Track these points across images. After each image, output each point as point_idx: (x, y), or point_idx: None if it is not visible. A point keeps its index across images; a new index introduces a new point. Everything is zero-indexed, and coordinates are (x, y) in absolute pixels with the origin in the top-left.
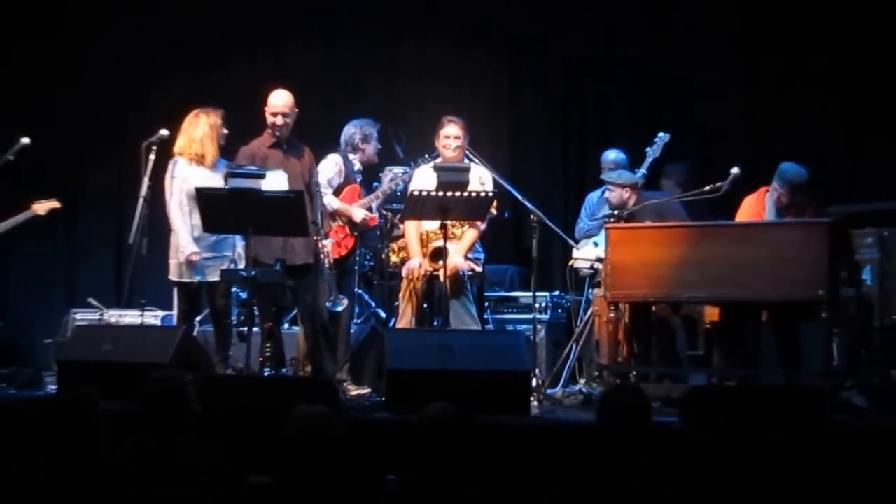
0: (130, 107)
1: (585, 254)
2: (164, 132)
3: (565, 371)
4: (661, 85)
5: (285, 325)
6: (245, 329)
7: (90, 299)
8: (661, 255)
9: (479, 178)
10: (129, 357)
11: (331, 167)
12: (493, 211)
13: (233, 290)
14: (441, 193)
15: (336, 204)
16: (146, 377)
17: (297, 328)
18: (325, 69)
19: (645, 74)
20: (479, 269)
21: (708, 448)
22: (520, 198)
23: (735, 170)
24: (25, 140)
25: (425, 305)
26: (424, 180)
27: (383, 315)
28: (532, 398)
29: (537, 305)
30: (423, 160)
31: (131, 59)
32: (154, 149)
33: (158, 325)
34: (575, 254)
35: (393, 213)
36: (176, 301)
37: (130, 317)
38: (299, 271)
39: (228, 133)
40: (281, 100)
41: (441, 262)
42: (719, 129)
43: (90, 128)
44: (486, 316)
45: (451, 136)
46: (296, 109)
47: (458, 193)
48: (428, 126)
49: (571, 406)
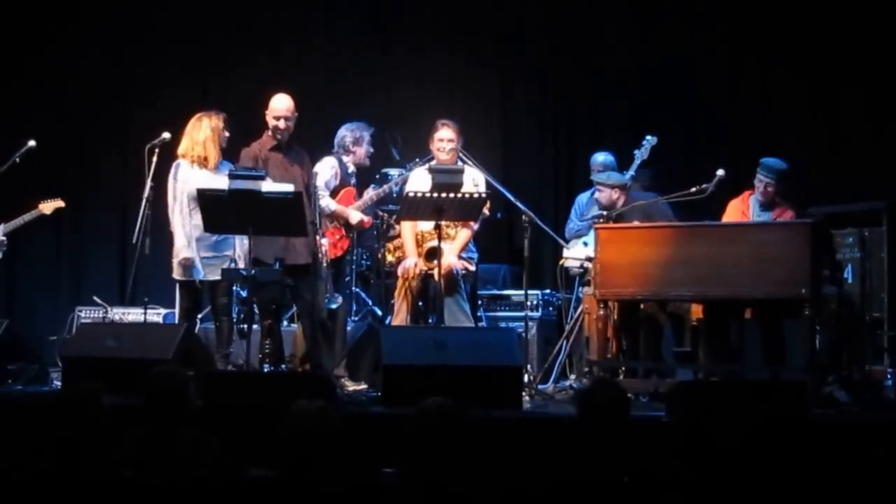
0: (134, 110)
1: (575, 253)
2: (166, 135)
3: (556, 367)
4: (648, 89)
5: (284, 323)
6: (245, 326)
7: (95, 297)
8: (649, 254)
9: (473, 180)
10: (132, 353)
11: (327, 170)
12: (485, 212)
13: (234, 288)
14: (436, 195)
15: (333, 206)
16: (148, 373)
17: (295, 325)
18: (323, 74)
19: (632, 79)
20: (472, 268)
21: (694, 441)
22: (512, 199)
23: (720, 172)
24: (32, 143)
25: (420, 303)
26: (419, 182)
27: (379, 312)
28: (524, 393)
29: (529, 303)
30: (414, 164)
31: (135, 64)
32: (157, 151)
33: (161, 322)
34: (565, 253)
35: (389, 213)
36: (178, 299)
37: (134, 314)
38: (299, 270)
39: (229, 136)
40: (283, 104)
41: (435, 262)
42: (705, 132)
43: (95, 131)
44: (479, 313)
45: (444, 139)
46: (296, 113)
47: (452, 195)
48: (423, 130)
49: (562, 401)
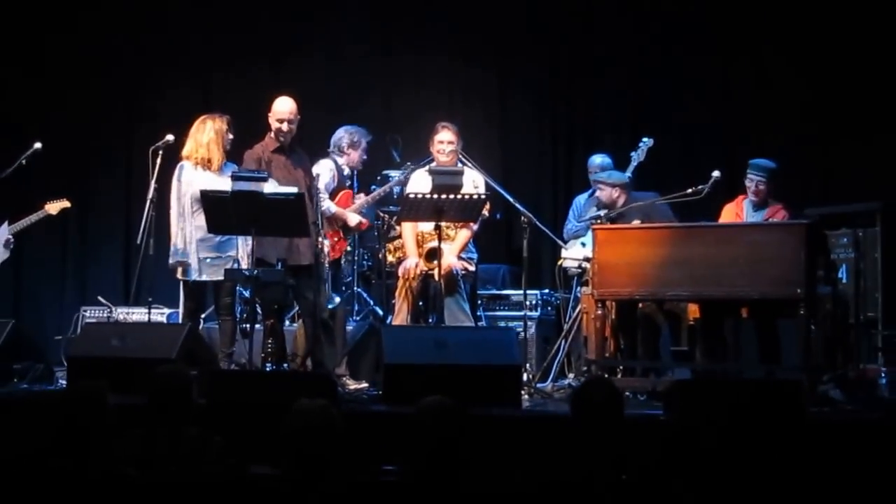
0: (138, 113)
1: (573, 253)
2: (169, 137)
3: (555, 365)
4: (645, 92)
5: (287, 323)
6: (248, 326)
7: (99, 297)
8: (646, 254)
9: (473, 182)
10: (136, 353)
11: (326, 172)
12: (485, 213)
13: (237, 288)
14: (436, 196)
15: (334, 209)
16: (152, 372)
17: (297, 325)
18: (325, 78)
19: (629, 82)
20: (472, 269)
21: (691, 439)
22: (511, 200)
23: (716, 173)
24: (38, 145)
25: (421, 303)
26: (420, 184)
27: (381, 312)
28: (523, 391)
29: (528, 303)
30: (406, 168)
31: (139, 67)
32: (160, 153)
33: (165, 322)
34: (563, 253)
35: (389, 215)
36: (182, 299)
37: (138, 314)
38: (301, 271)
39: (233, 138)
40: (286, 106)
41: (436, 262)
42: (701, 134)
43: (100, 133)
44: (478, 313)
45: (444, 141)
46: (298, 115)
47: (452, 196)
48: (423, 132)
49: (561, 399)
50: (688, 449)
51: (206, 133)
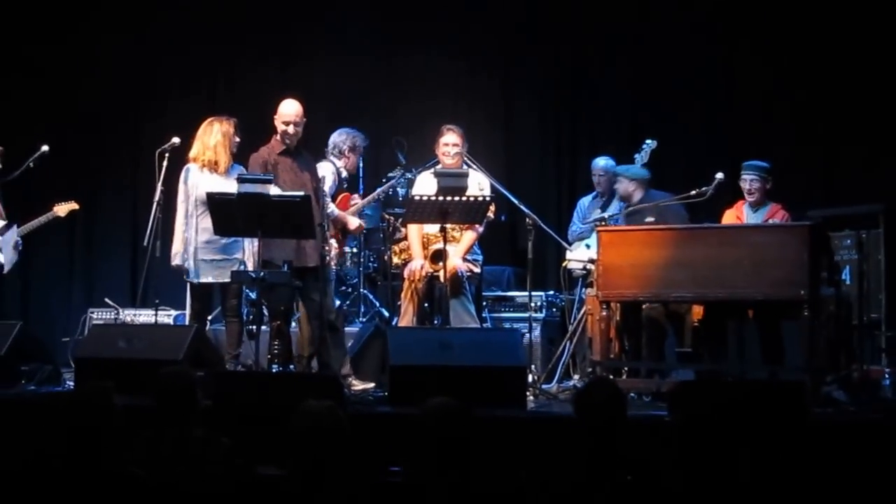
0: (145, 116)
1: (578, 255)
2: (176, 140)
3: (560, 367)
4: (648, 94)
5: (293, 324)
6: (254, 327)
7: (107, 299)
8: (650, 256)
9: (478, 184)
10: (143, 354)
11: (329, 175)
12: (490, 215)
13: (244, 290)
14: (441, 198)
15: (336, 212)
16: (159, 374)
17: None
18: (331, 81)
19: (632, 85)
20: (477, 270)
21: (695, 439)
22: (516, 202)
23: (720, 175)
24: (45, 147)
25: (426, 305)
26: (425, 186)
27: (386, 314)
28: (528, 392)
29: (533, 304)
30: (398, 172)
31: (145, 70)
32: (167, 155)
33: (171, 323)
34: (568, 255)
35: (395, 217)
36: (188, 301)
37: (145, 316)
38: (308, 273)
39: (239, 141)
40: (292, 109)
41: (441, 264)
42: (705, 137)
43: (107, 135)
44: (483, 315)
45: (449, 143)
46: (304, 118)
47: (457, 198)
48: (428, 136)
49: (566, 400)
50: (692, 450)
51: (213, 135)
